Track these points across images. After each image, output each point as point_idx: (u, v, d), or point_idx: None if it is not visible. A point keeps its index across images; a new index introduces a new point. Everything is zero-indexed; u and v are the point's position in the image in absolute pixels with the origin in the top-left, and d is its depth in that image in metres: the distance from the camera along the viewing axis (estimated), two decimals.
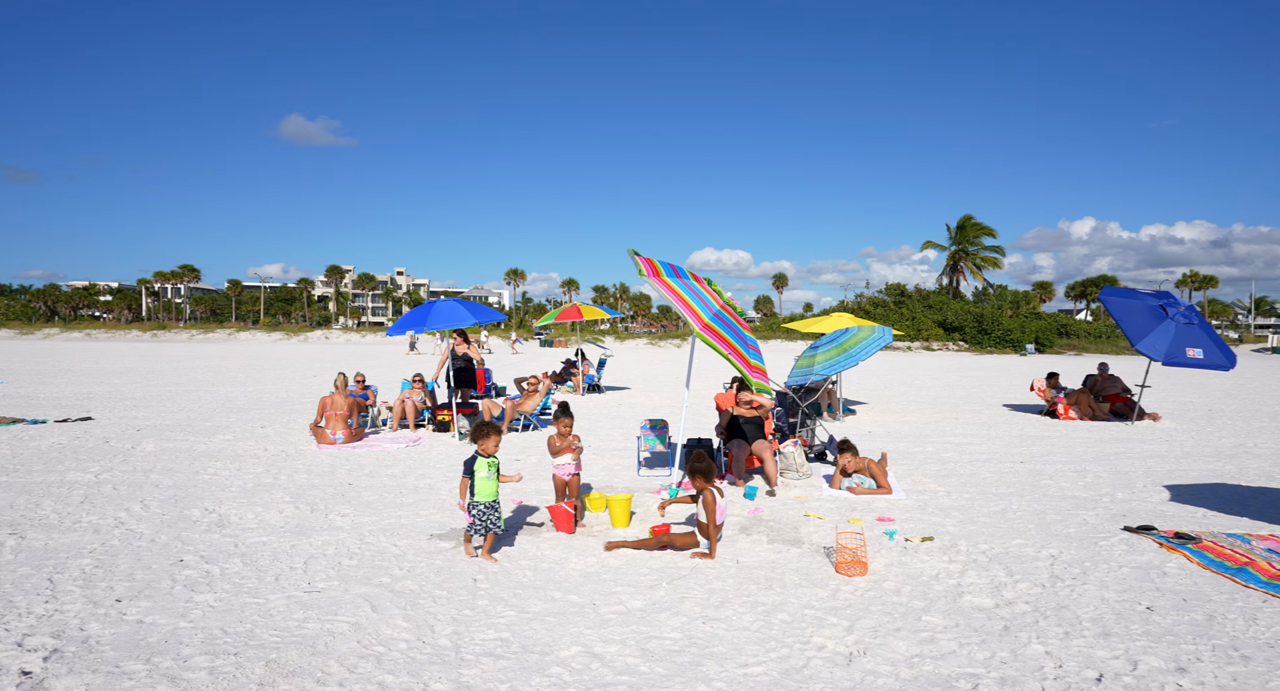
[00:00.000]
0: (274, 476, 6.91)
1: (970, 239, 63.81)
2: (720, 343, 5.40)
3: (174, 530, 5.04)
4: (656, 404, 14.09)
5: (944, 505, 6.04)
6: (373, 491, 6.32)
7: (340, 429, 8.85)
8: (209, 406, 12.72)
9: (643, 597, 3.90)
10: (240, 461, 7.65)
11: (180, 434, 9.54)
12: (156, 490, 6.28)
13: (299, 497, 6.05)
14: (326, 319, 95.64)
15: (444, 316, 8.73)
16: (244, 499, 5.99)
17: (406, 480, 6.82)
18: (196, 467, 7.31)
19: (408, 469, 7.36)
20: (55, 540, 4.78)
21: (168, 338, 59.48)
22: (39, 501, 5.82)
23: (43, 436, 9.17)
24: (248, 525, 5.21)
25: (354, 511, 5.62)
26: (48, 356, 30.76)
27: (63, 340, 55.81)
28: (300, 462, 7.65)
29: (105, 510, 5.57)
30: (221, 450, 8.36)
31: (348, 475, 7.02)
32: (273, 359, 31.88)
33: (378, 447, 8.62)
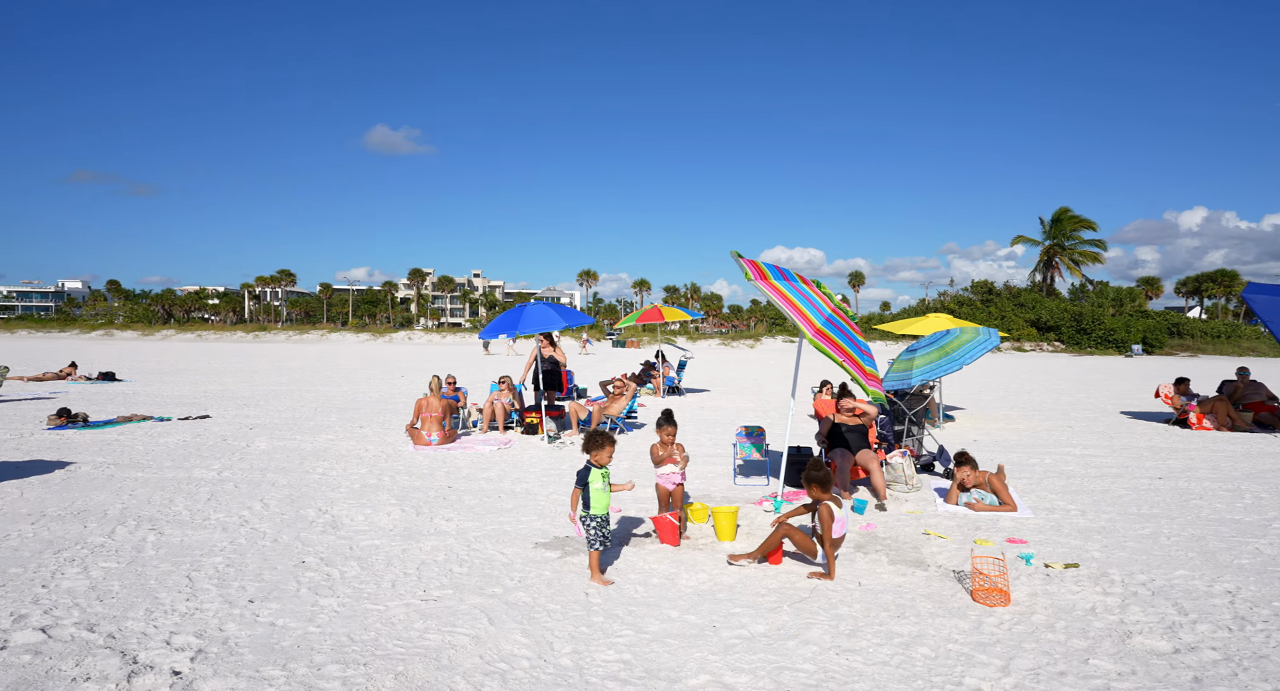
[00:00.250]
0: (378, 477, 7.11)
1: (1067, 233, 59.54)
2: (833, 349, 5.10)
3: (293, 530, 5.22)
4: (740, 407, 13.76)
5: (1081, 526, 5.49)
6: (472, 495, 6.37)
7: (435, 430, 9.06)
8: (311, 406, 13.39)
9: (765, 622, 3.67)
10: (345, 462, 7.94)
11: (288, 433, 10.04)
12: (273, 489, 6.56)
13: (404, 500, 6.17)
14: (409, 320, 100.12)
15: (535, 320, 8.78)
16: (353, 500, 6.17)
17: (503, 484, 6.85)
18: (306, 467, 7.63)
19: (502, 472, 7.41)
20: (189, 537, 5.03)
21: (268, 338, 63.75)
22: (172, 497, 6.19)
23: (169, 433, 9.86)
24: (359, 527, 5.33)
25: (458, 516, 5.66)
26: (166, 356, 33.50)
27: (178, 341, 60.78)
28: (400, 464, 7.85)
29: (230, 508, 5.85)
30: (327, 450, 8.71)
31: (446, 478, 7.14)
32: (362, 359, 33.52)
33: (471, 450, 8.76)
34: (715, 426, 11.04)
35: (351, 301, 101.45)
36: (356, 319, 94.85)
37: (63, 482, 6.73)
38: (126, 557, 4.56)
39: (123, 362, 27.07)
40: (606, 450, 4.26)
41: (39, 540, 4.91)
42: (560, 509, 5.88)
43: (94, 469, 7.41)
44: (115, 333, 68.58)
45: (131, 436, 9.60)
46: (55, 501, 6.01)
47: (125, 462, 7.75)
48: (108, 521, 5.40)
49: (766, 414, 12.64)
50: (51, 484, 6.67)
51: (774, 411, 13.03)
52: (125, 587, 4.03)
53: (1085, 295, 59.95)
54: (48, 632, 3.42)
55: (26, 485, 6.58)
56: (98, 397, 14.62)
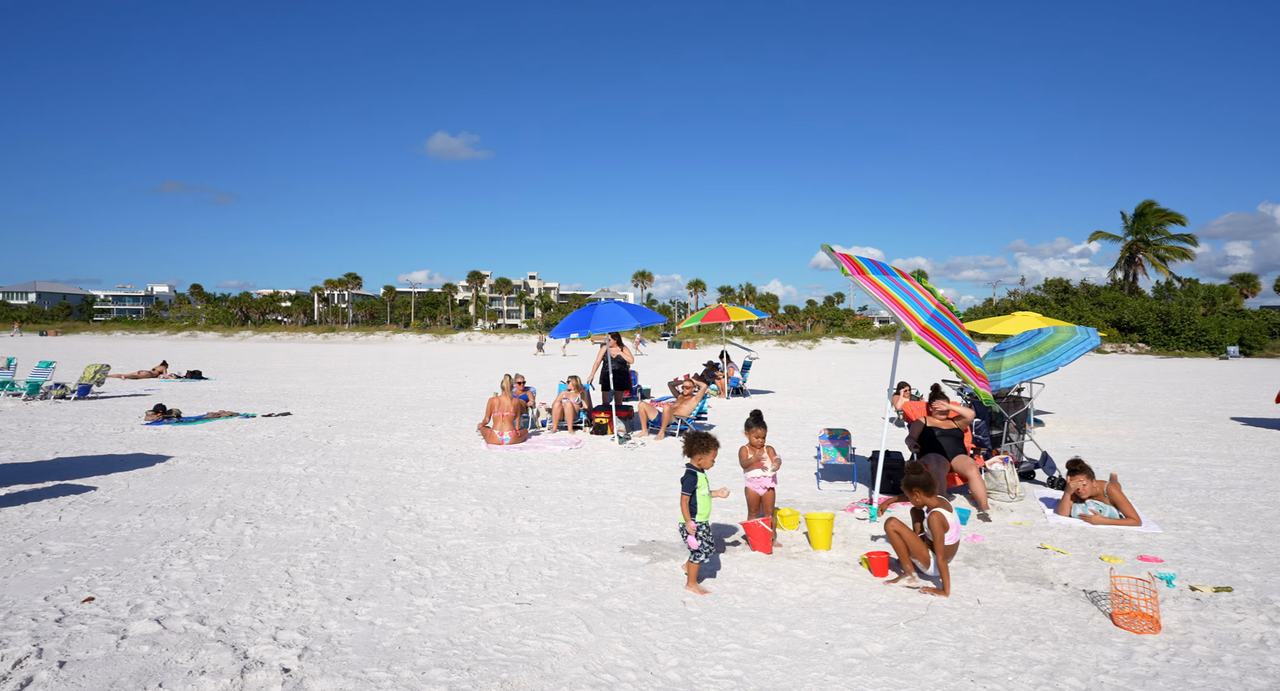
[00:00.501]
0: (455, 475, 7.14)
1: (1151, 227, 55.77)
2: (941, 347, 4.76)
3: (380, 527, 5.24)
4: (808, 409, 13.33)
5: (1221, 544, 4.95)
6: (550, 496, 6.29)
7: (507, 429, 9.08)
8: (383, 404, 13.73)
9: (882, 640, 3.40)
10: (422, 460, 8.02)
11: (365, 430, 10.28)
12: (357, 486, 6.66)
13: (484, 499, 6.14)
14: (467, 321, 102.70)
15: (606, 319, 8.68)
16: (434, 498, 6.18)
17: (579, 485, 6.75)
18: (386, 464, 7.74)
19: (577, 473, 7.32)
20: (283, 531, 5.12)
21: (336, 339, 66.49)
22: (263, 492, 6.36)
23: (255, 430, 10.25)
24: (443, 526, 5.32)
25: (539, 516, 5.58)
26: (245, 356, 35.30)
27: (255, 341, 64.13)
28: (475, 462, 7.88)
29: (318, 504, 5.95)
30: (403, 447, 8.84)
31: (522, 477, 7.10)
32: (426, 359, 34.47)
33: (543, 449, 8.73)
34: (786, 428, 10.69)
35: (413, 303, 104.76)
36: (418, 320, 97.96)
37: (163, 476, 7.02)
38: (228, 550, 4.66)
39: (207, 362, 28.65)
40: (711, 453, 4.06)
41: (147, 531, 5.09)
42: (642, 512, 5.73)
43: (190, 463, 7.73)
44: (199, 334, 72.95)
45: (221, 432, 10.02)
46: (158, 493, 6.26)
47: (218, 457, 8.05)
48: (207, 514, 5.57)
49: (837, 416, 12.19)
50: (153, 477, 6.97)
51: (844, 413, 12.56)
52: (230, 580, 4.10)
53: (1172, 293, 56.01)
54: (162, 623, 3.48)
55: (131, 478, 6.90)
56: (187, 394, 15.42)
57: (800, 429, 10.70)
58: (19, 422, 10.63)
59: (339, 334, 70.17)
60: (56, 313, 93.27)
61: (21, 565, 4.34)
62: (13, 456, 7.97)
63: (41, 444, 8.83)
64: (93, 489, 6.42)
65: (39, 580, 4.08)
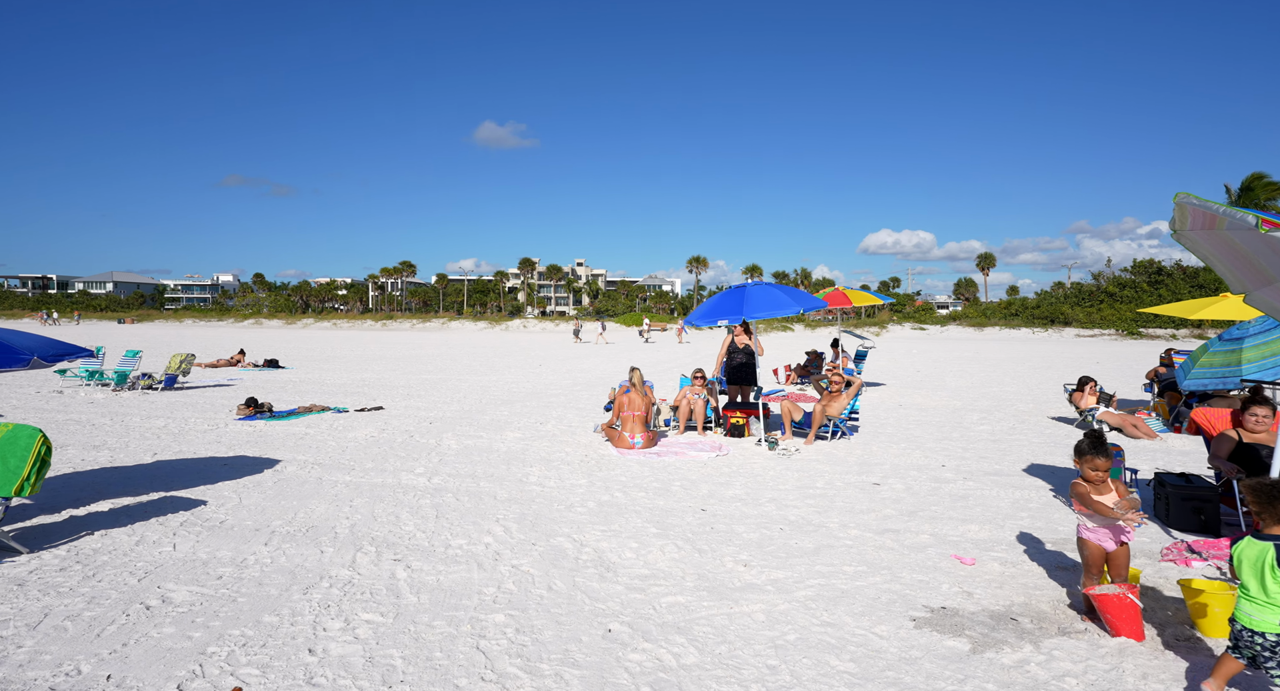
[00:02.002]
0: (607, 491, 6.02)
1: (1261, 202, 50.83)
2: None
3: (563, 572, 4.14)
4: (950, 407, 11.79)
5: None
6: (743, 524, 5.09)
7: (639, 431, 7.94)
8: (473, 398, 12.84)
9: None
10: (554, 468, 6.95)
11: (469, 429, 9.33)
12: (498, 504, 5.61)
13: (664, 527, 4.99)
14: (517, 308, 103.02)
15: (761, 302, 7.38)
16: (601, 524, 5.07)
17: (765, 508, 5.53)
18: (514, 473, 6.70)
19: (749, 490, 6.10)
20: (444, 575, 4.07)
21: (394, 326, 67.29)
22: (395, 512, 5.36)
23: (353, 427, 9.41)
24: (638, 571, 4.18)
25: (753, 558, 4.38)
26: (313, 344, 35.47)
27: (317, 329, 65.40)
28: (617, 473, 6.76)
29: (467, 531, 4.90)
30: (524, 452, 7.81)
31: (686, 494, 5.93)
32: (489, 347, 33.93)
33: (684, 455, 7.55)
34: (951, 432, 9.22)
35: (466, 291, 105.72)
36: (470, 308, 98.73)
37: (275, 486, 6.13)
38: (387, 606, 3.62)
39: (278, 349, 28.69)
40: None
41: (279, 569, 4.12)
42: (884, 555, 4.47)
43: (299, 469, 6.85)
44: (263, 321, 75.01)
45: (318, 429, 9.22)
46: (276, 511, 5.34)
47: (327, 462, 7.17)
48: (341, 544, 4.58)
49: (991, 414, 10.64)
50: (265, 487, 6.09)
51: (998, 412, 10.99)
52: (410, 663, 3.04)
53: None
54: None
55: (241, 489, 6.03)
56: (269, 384, 14.91)
57: (953, 430, 9.24)
58: (112, 417, 10.09)
59: (396, 321, 71.01)
60: (132, 301, 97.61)
61: (142, 623, 3.39)
62: (111, 458, 7.26)
63: (138, 443, 8.16)
64: (202, 503, 5.56)
65: (166, 651, 3.11)
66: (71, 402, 11.54)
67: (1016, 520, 5.10)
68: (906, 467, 6.89)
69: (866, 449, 7.91)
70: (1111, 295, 53.39)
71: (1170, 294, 50.38)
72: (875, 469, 6.88)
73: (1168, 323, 48.29)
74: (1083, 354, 29.09)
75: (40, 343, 5.20)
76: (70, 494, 5.85)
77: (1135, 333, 47.03)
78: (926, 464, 7.07)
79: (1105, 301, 52.91)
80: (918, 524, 5.03)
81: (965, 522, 5.03)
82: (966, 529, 4.88)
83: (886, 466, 6.96)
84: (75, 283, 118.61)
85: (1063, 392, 12.12)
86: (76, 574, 4.04)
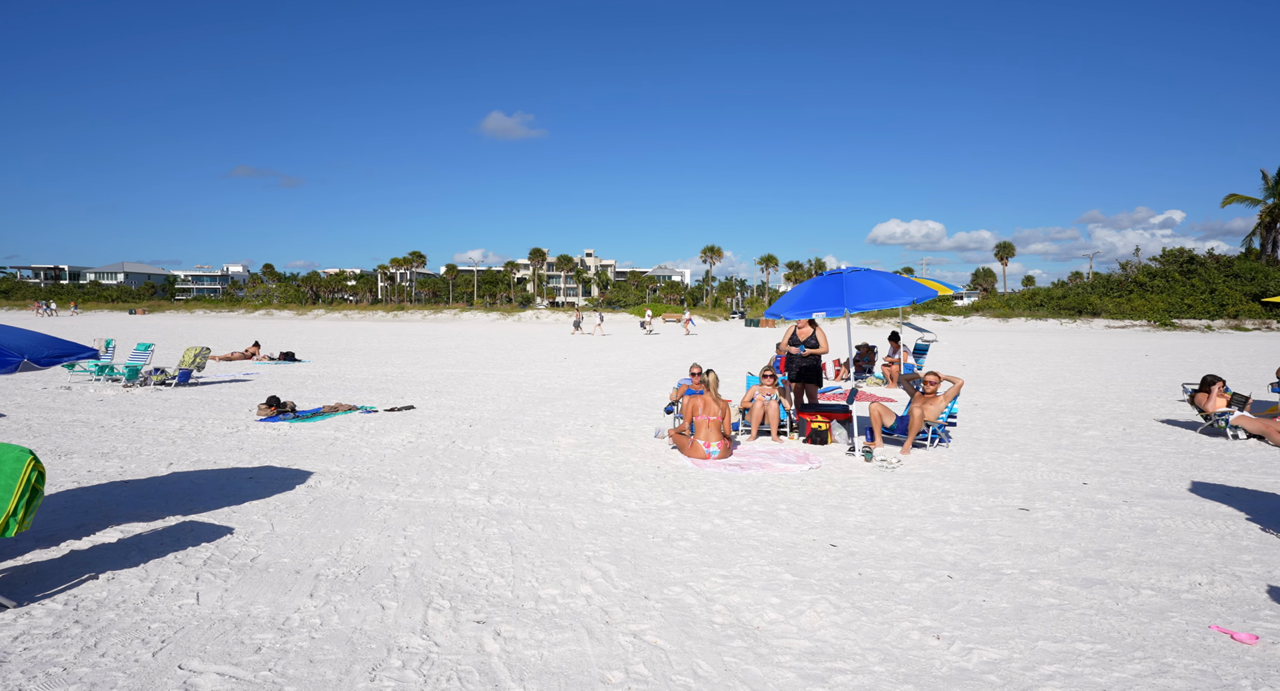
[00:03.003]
0: (704, 517, 5.07)
1: None
2: None
3: (701, 646, 3.19)
4: (1027, 406, 10.76)
5: None
6: (897, 569, 4.11)
7: (715, 439, 6.99)
8: (506, 395, 11.93)
9: None
10: (627, 484, 6.01)
11: (514, 432, 8.41)
12: (581, 535, 4.68)
13: (800, 573, 4.03)
14: (527, 299, 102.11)
15: (865, 292, 6.37)
16: (719, 566, 4.12)
17: (912, 544, 4.53)
18: (585, 491, 5.77)
19: (878, 519, 5.11)
20: (546, 647, 3.14)
21: (405, 317, 66.54)
22: (463, 546, 4.44)
23: (385, 429, 8.51)
24: (798, 644, 3.23)
25: (948, 628, 3.39)
26: (327, 335, 34.69)
27: (327, 320, 64.73)
28: (704, 490, 5.81)
29: (557, 578, 3.97)
30: (584, 462, 6.88)
31: (799, 522, 4.97)
32: (505, 338, 33.05)
33: (771, 468, 6.60)
34: (1036, 435, 8.21)
35: (475, 281, 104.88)
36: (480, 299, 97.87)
37: (311, 508, 5.22)
38: None
39: (292, 341, 27.91)
40: None
41: (333, 635, 3.21)
42: (1117, 621, 3.50)
43: (335, 483, 5.95)
44: (274, 312, 74.47)
45: (348, 432, 8.33)
46: (317, 543, 4.43)
47: (365, 475, 6.26)
48: (405, 596, 3.66)
49: (1087, 417, 9.61)
50: (299, 509, 5.18)
51: (1092, 413, 9.97)
52: None
53: None
54: None
55: (273, 511, 5.12)
56: (288, 380, 14.06)
57: (1076, 438, 8.24)
58: (122, 417, 9.23)
59: (408, 312, 70.24)
60: (143, 292, 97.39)
61: None
62: (121, 469, 6.38)
63: (150, 449, 7.28)
64: (228, 532, 4.66)
65: None
66: (79, 400, 10.71)
67: (1243, 566, 4.09)
68: (1043, 485, 5.91)
69: (978, 460, 6.92)
70: (1141, 285, 51.84)
71: (1204, 284, 48.80)
72: (1005, 487, 5.89)
73: (1201, 313, 46.81)
74: (1128, 345, 27.89)
75: (33, 341, 4.29)
76: (73, 516, 4.97)
77: (1169, 324, 45.59)
78: (1063, 481, 6.08)
79: (1135, 291, 51.39)
80: (1121, 571, 4.03)
81: (1180, 569, 4.04)
82: (1191, 579, 3.89)
83: (1017, 484, 5.98)
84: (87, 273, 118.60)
85: (1163, 391, 11.08)
86: (74, 642, 3.14)
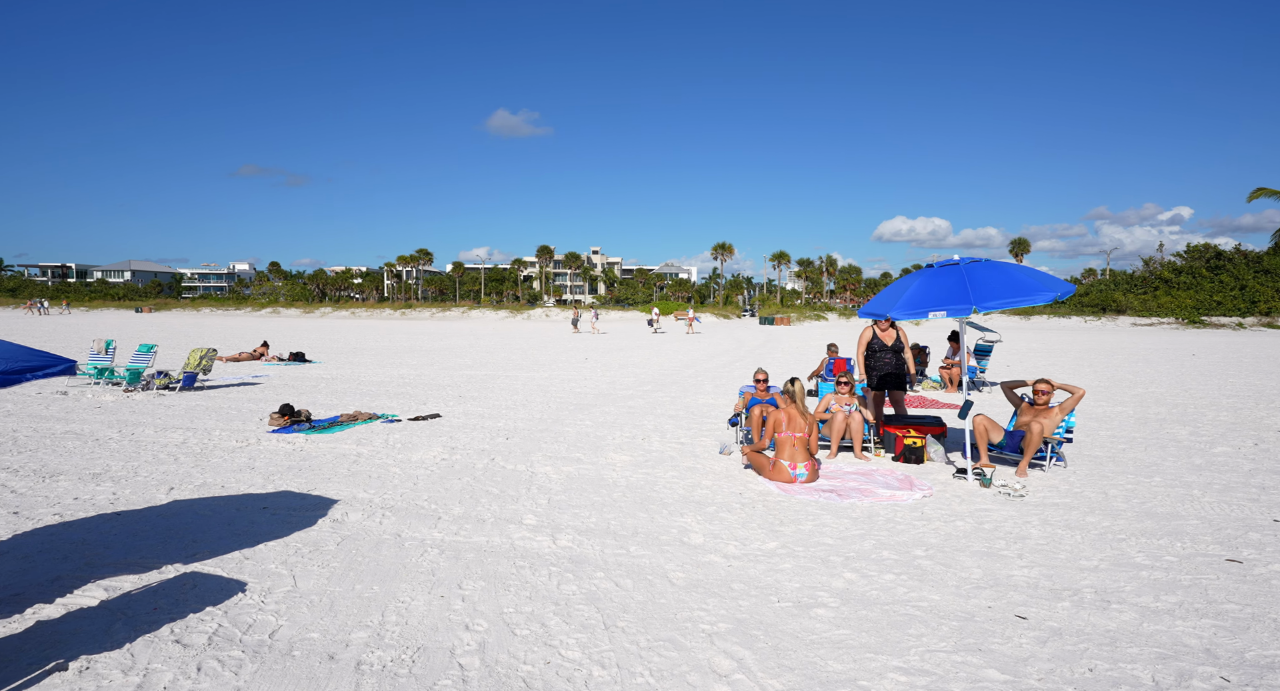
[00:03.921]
0: (827, 568, 4.08)
1: None
2: None
3: None
4: (1121, 414, 9.71)
5: None
6: (1132, 660, 3.11)
7: (802, 460, 6.00)
8: (536, 400, 10.96)
9: None
10: (715, 519, 5.03)
11: (558, 447, 7.44)
12: (682, 596, 3.70)
13: (1007, 667, 3.02)
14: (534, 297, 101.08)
15: (997, 287, 5.31)
16: (889, 653, 3.13)
17: (1127, 616, 3.51)
18: (666, 529, 4.79)
19: (1054, 575, 4.09)
20: None
21: (413, 315, 65.72)
22: (538, 614, 3.46)
23: (414, 443, 7.55)
24: None
25: None
26: (337, 334, 33.82)
27: (335, 318, 63.93)
28: (809, 527, 4.82)
29: (680, 673, 2.99)
30: (651, 486, 5.90)
31: (952, 576, 3.97)
32: (518, 336, 32.11)
33: (876, 496, 5.59)
34: (1157, 451, 7.17)
35: (482, 279, 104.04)
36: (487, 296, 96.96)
37: (339, 552, 4.26)
38: None
39: (301, 340, 27.04)
40: None
41: None
42: None
43: (365, 516, 4.99)
44: (281, 310, 73.79)
45: (372, 446, 7.38)
46: (351, 608, 3.47)
47: (399, 505, 5.30)
48: None
49: (1199, 429, 8.56)
50: (325, 554, 4.22)
51: (1195, 422, 8.92)
52: None
53: None
54: None
55: (293, 557, 4.16)
56: (299, 383, 13.14)
57: (1209, 456, 7.21)
58: (120, 427, 8.31)
59: (415, 310, 69.43)
60: (149, 290, 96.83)
61: None
62: (113, 496, 5.44)
63: (149, 468, 6.35)
64: (239, 589, 3.70)
65: None
66: (75, 408, 9.80)
67: None
68: (1225, 523, 4.88)
69: (1115, 485, 5.90)
70: (1166, 281, 50.50)
71: (1233, 280, 47.47)
72: (1179, 525, 4.86)
73: (1232, 311, 45.50)
74: (1163, 343, 26.73)
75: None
76: (49, 565, 4.03)
77: (1199, 322, 44.30)
78: (1245, 516, 5.04)
79: (1161, 288, 50.06)
80: None
81: None
82: None
83: (1191, 520, 4.95)
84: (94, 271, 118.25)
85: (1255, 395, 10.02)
86: None
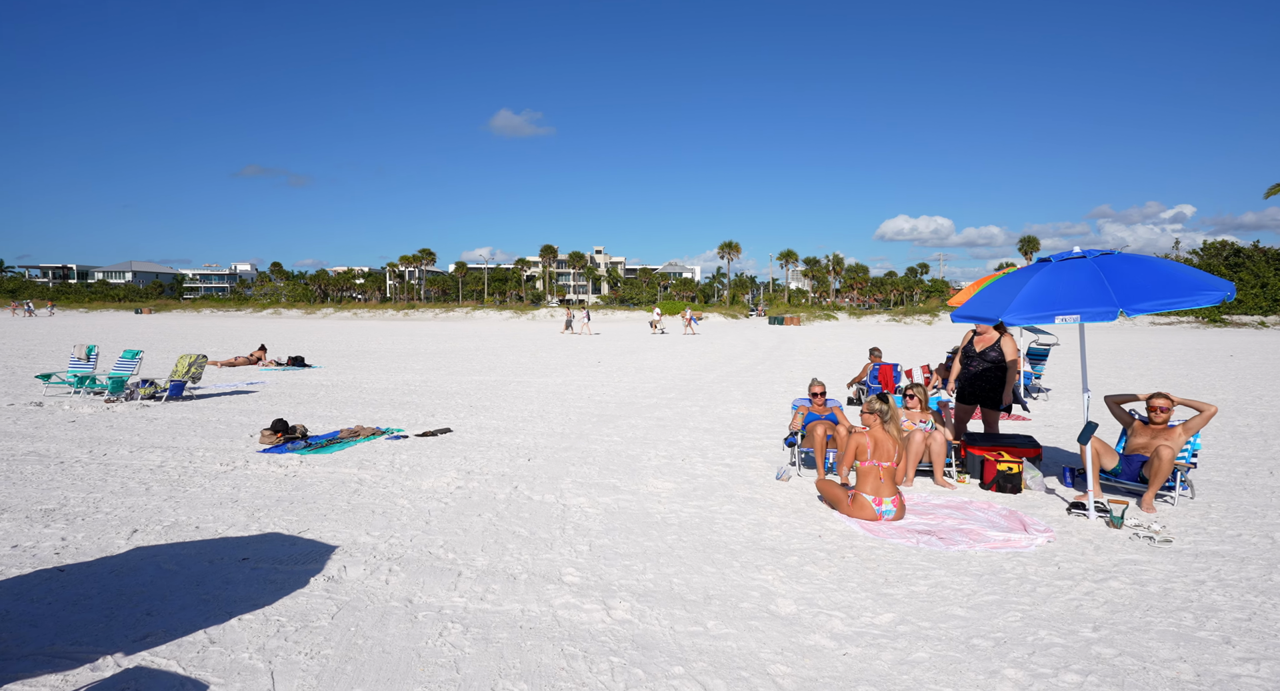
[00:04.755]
0: (978, 657, 3.11)
1: None
2: None
3: None
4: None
5: None
6: None
7: (889, 494, 5.02)
8: (552, 411, 10.00)
9: None
10: (797, 572, 4.06)
11: (585, 469, 6.49)
12: None
13: None
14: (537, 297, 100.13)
15: (1144, 285, 4.29)
16: None
17: None
18: (741, 587, 3.82)
19: (1265, 664, 3.16)
20: None
21: (417, 316, 64.83)
22: None
23: (423, 466, 6.60)
24: None
25: None
26: (338, 337, 32.89)
27: (337, 319, 63.05)
28: (923, 589, 3.85)
29: None
30: (708, 524, 4.93)
31: (1147, 673, 3.01)
32: (525, 338, 31.15)
33: (985, 540, 4.61)
34: (1268, 476, 6.19)
35: (485, 279, 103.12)
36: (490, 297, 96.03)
37: (335, 632, 3.30)
38: None
39: (300, 343, 26.12)
40: None
41: None
42: None
43: (368, 572, 4.03)
44: (282, 311, 72.94)
45: (375, 470, 6.42)
46: None
47: (409, 555, 4.34)
48: None
49: None
50: (316, 635, 3.26)
51: None
52: None
53: None
54: None
55: (275, 637, 3.20)
56: (297, 391, 12.20)
57: None
58: (92, 446, 7.36)
59: (418, 310, 68.54)
60: (150, 291, 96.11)
61: None
62: (61, 542, 4.49)
63: (113, 501, 5.40)
64: None
65: None
66: (47, 422, 8.86)
67: None
68: None
69: (1272, 522, 4.92)
70: None
71: (1254, 278, 46.37)
72: None
73: (1254, 309, 44.42)
74: (1192, 343, 25.71)
75: None
76: None
77: (1219, 320, 43.22)
78: None
79: None
80: None
81: None
82: None
83: None
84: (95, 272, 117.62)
85: None
86: None
